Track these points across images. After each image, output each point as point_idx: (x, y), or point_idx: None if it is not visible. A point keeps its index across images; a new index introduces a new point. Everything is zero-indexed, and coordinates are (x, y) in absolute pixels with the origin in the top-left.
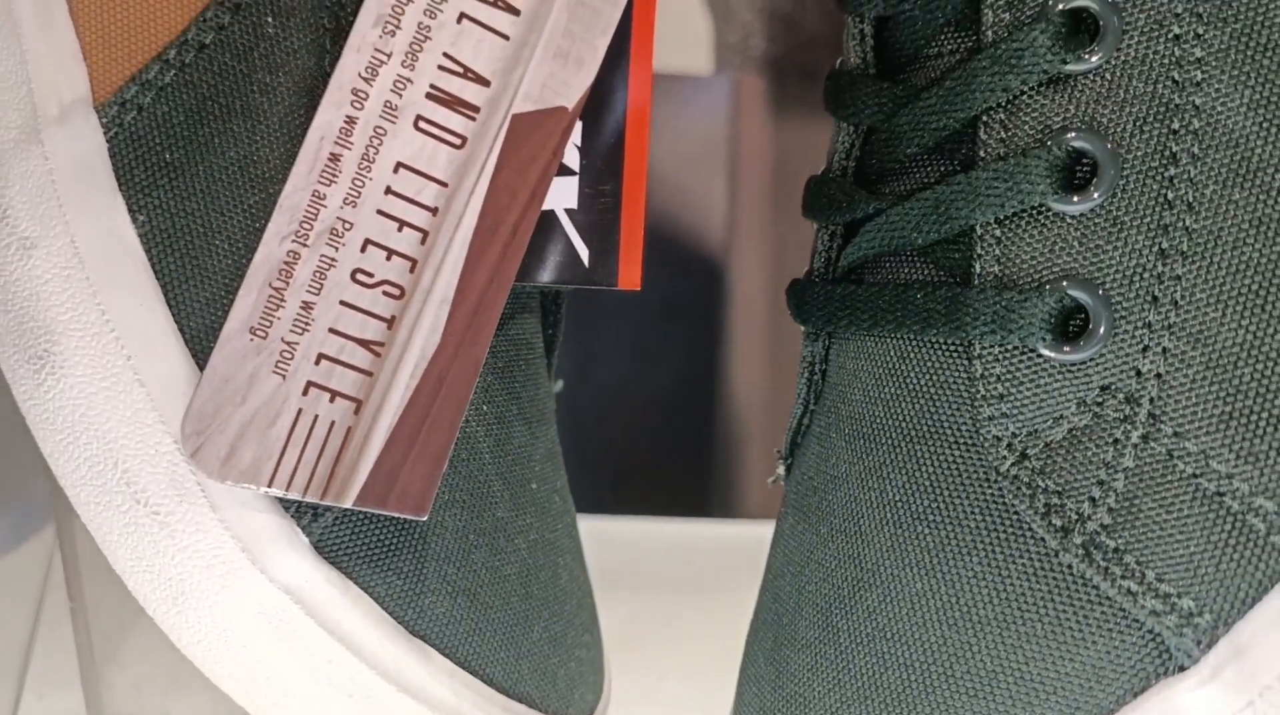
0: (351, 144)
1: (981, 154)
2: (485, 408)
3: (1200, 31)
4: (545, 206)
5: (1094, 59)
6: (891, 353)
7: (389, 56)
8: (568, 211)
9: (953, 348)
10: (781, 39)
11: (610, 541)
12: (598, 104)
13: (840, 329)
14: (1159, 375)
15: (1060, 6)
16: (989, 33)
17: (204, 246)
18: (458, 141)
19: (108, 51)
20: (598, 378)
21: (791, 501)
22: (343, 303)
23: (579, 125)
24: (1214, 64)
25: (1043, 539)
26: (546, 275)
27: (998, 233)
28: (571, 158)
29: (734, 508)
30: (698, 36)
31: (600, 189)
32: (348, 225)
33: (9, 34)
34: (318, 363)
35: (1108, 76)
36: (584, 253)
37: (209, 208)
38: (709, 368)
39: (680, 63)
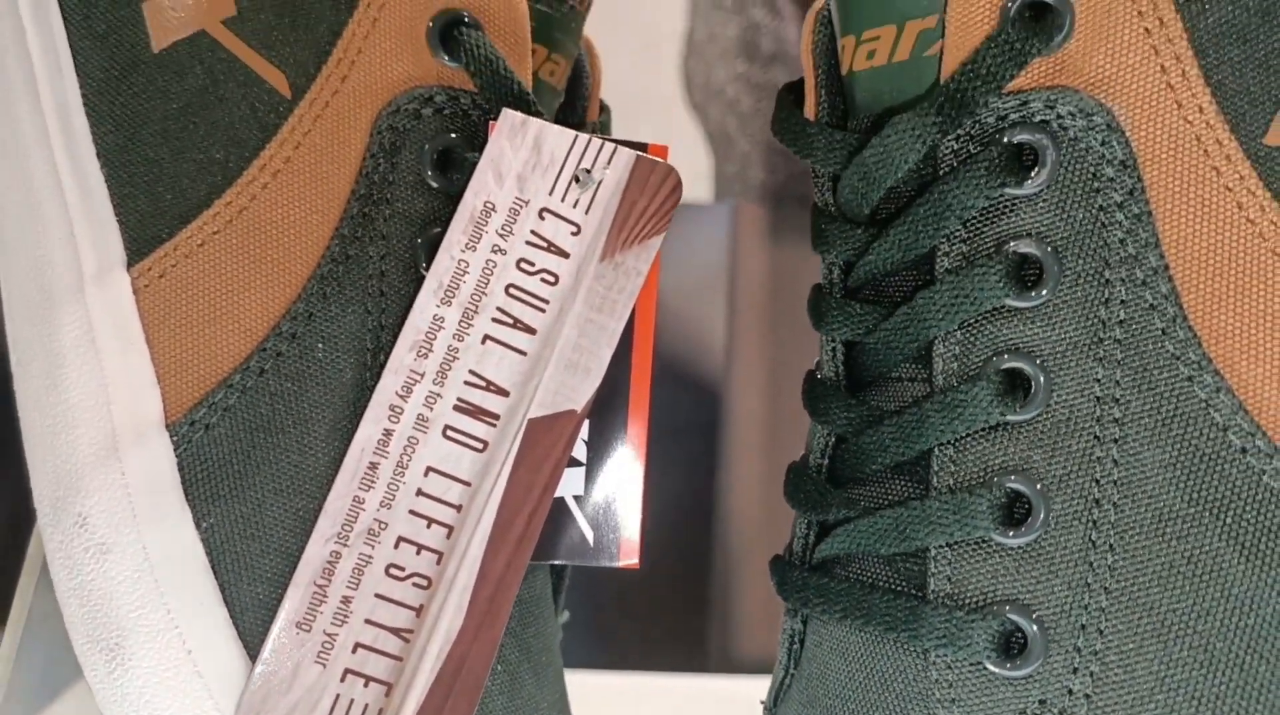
0: (388, 453)
1: (934, 483)
2: (499, 667)
3: (1118, 396)
4: (555, 494)
5: (1028, 414)
6: (860, 643)
7: (422, 376)
8: (575, 498)
9: (912, 650)
10: (779, 169)
11: (605, 697)
12: (603, 403)
13: (816, 614)
14: (1087, 695)
15: (999, 366)
16: (939, 378)
17: (258, 549)
18: (480, 446)
19: (180, 377)
20: None
21: None
22: (377, 595)
23: (586, 423)
24: (1131, 424)
25: None
26: (555, 556)
27: (949, 555)
28: (579, 450)
29: (732, 661)
30: (698, 167)
31: (605, 476)
32: (383, 525)
33: (91, 360)
34: (354, 651)
35: (1040, 428)
36: (589, 535)
37: (263, 514)
38: (707, 492)
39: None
